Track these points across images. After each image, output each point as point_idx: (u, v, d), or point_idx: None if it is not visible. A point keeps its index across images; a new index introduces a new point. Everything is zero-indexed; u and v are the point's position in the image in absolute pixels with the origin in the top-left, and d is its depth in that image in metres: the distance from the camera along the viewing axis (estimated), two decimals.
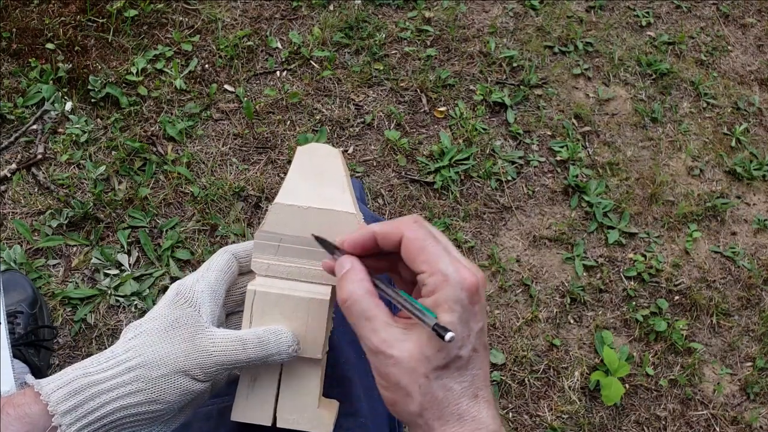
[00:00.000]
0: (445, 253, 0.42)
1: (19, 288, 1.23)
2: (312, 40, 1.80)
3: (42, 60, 1.62)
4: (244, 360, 0.47)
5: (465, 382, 0.42)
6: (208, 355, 0.46)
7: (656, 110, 1.85)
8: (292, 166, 0.53)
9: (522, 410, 1.38)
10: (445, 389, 0.42)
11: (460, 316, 0.41)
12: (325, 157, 0.53)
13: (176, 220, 1.46)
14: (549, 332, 1.46)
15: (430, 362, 0.41)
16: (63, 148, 1.51)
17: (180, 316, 0.47)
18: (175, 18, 1.78)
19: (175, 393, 0.45)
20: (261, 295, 0.50)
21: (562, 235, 1.59)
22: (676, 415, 1.41)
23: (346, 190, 0.52)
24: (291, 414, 0.51)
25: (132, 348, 0.46)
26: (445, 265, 0.41)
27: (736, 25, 2.13)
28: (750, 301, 1.57)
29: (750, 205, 1.74)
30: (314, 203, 0.51)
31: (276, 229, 0.51)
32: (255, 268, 0.51)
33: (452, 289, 0.41)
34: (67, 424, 0.43)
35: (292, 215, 0.51)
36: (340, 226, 0.50)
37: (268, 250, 0.51)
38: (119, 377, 0.44)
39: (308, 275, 0.51)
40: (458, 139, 1.70)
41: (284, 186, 0.52)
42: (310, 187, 0.52)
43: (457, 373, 0.42)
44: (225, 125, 1.63)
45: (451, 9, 1.96)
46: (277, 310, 0.50)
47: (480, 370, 0.43)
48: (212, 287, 0.49)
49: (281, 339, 0.49)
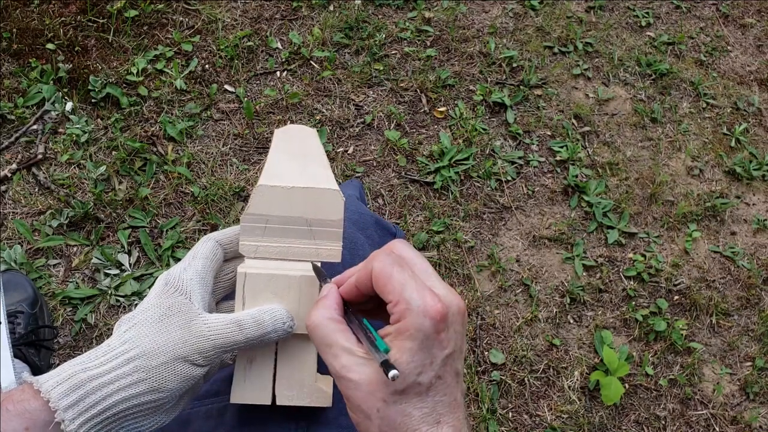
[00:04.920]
0: (411, 280, 0.42)
1: (20, 288, 1.24)
2: (312, 40, 1.81)
3: (42, 60, 1.62)
4: (242, 341, 0.48)
5: (426, 408, 0.42)
6: (205, 339, 0.47)
7: (656, 110, 1.85)
8: (272, 148, 0.54)
9: (522, 410, 1.38)
10: (402, 414, 0.42)
11: (420, 344, 0.41)
12: (302, 136, 0.54)
13: (176, 220, 1.46)
14: (549, 332, 1.47)
15: (387, 387, 0.41)
16: (63, 148, 1.51)
17: (172, 305, 0.47)
18: (176, 18, 1.79)
19: (176, 380, 0.46)
20: (252, 277, 0.51)
21: (562, 235, 1.60)
22: (675, 414, 1.41)
23: (327, 167, 0.53)
24: (290, 390, 0.52)
25: (128, 340, 0.46)
26: (410, 293, 0.42)
27: (736, 25, 2.13)
28: (749, 301, 1.58)
29: (749, 205, 1.74)
30: (298, 183, 0.52)
31: (261, 210, 0.52)
32: (243, 251, 0.52)
33: (414, 317, 0.41)
34: (70, 419, 0.43)
35: (277, 196, 0.51)
36: (324, 202, 0.51)
37: (255, 232, 0.52)
38: (119, 369, 0.45)
39: (297, 254, 0.52)
40: (458, 139, 1.71)
41: (266, 168, 0.53)
42: (292, 167, 0.52)
43: (417, 399, 0.42)
44: (225, 125, 1.64)
45: (451, 9, 1.96)
46: (269, 290, 0.51)
47: (445, 397, 0.43)
48: (200, 274, 0.50)
49: (277, 316, 0.49)
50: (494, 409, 1.36)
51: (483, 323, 1.46)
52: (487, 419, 1.34)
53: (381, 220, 0.85)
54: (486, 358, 1.42)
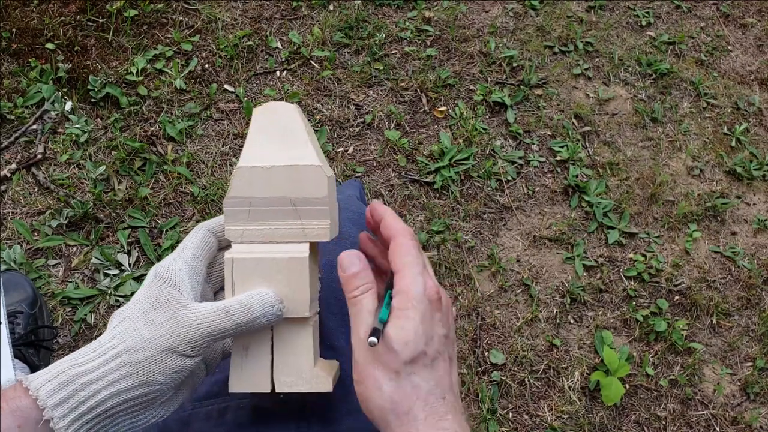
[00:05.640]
0: (423, 264, 0.48)
1: (19, 288, 1.23)
2: (312, 40, 1.80)
3: (42, 60, 1.62)
4: (230, 327, 0.47)
5: (432, 381, 0.45)
6: (192, 328, 0.46)
7: (656, 110, 1.85)
8: (251, 128, 0.52)
9: (522, 410, 1.38)
10: (412, 385, 0.45)
11: (422, 318, 0.46)
12: (282, 114, 0.52)
13: (176, 220, 1.46)
14: (549, 332, 1.46)
15: (398, 356, 0.45)
16: (63, 148, 1.51)
17: (160, 296, 0.47)
18: (175, 18, 1.78)
19: (164, 373, 0.45)
20: (239, 262, 0.50)
21: (562, 235, 1.59)
22: (676, 415, 1.41)
23: (308, 143, 0.51)
24: (288, 377, 0.51)
25: (117, 335, 0.46)
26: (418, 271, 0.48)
27: (736, 25, 2.13)
28: (750, 301, 1.57)
29: (750, 205, 1.74)
30: (277, 161, 0.50)
31: (243, 193, 0.50)
32: (229, 236, 0.51)
33: (417, 293, 0.46)
34: (59, 417, 0.42)
35: (257, 177, 0.50)
36: (306, 180, 0.50)
37: (240, 216, 0.50)
38: (107, 365, 0.44)
39: (283, 235, 0.51)
40: (458, 139, 1.70)
41: (245, 149, 0.51)
42: (272, 147, 0.51)
43: (425, 371, 0.45)
44: (225, 125, 1.63)
45: (451, 9, 1.96)
46: (258, 274, 0.50)
47: (447, 376, 0.47)
48: (190, 264, 0.49)
49: (264, 300, 0.49)
50: (494, 410, 1.36)
51: (483, 323, 1.46)
52: (488, 419, 1.34)
53: None
54: (486, 358, 1.42)
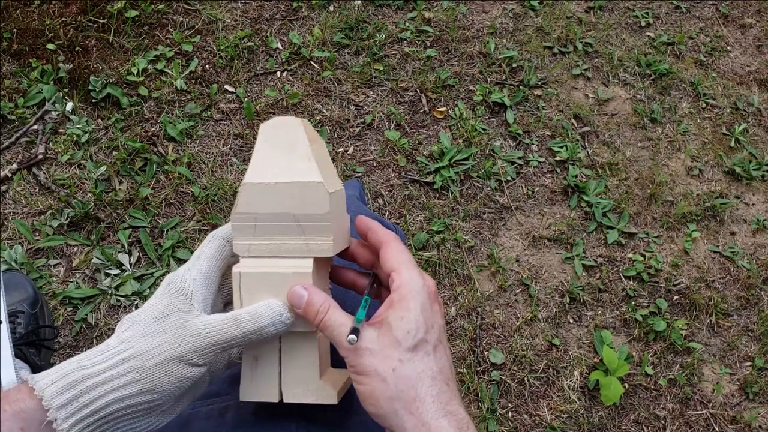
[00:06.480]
0: (414, 264, 0.50)
1: (20, 288, 1.24)
2: (312, 40, 1.81)
3: (43, 60, 1.63)
4: (239, 335, 0.48)
5: (435, 368, 0.46)
6: (201, 337, 0.47)
7: (655, 110, 1.85)
8: (257, 143, 0.53)
9: (522, 410, 1.38)
10: (416, 372, 0.46)
11: (422, 307, 0.47)
12: (288, 129, 0.52)
13: (177, 220, 1.46)
14: (548, 332, 1.47)
15: (400, 345, 0.46)
16: (64, 148, 1.51)
17: (170, 304, 0.47)
18: (176, 18, 1.79)
19: (170, 381, 0.46)
20: (246, 276, 0.51)
21: (562, 235, 1.60)
22: (675, 414, 1.42)
23: (311, 159, 0.51)
24: (295, 388, 0.52)
25: (125, 340, 0.46)
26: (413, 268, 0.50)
27: (735, 25, 2.13)
28: (749, 301, 1.58)
29: (749, 205, 1.74)
30: (281, 178, 0.51)
31: (249, 209, 0.51)
32: (237, 251, 0.52)
33: (416, 286, 0.48)
34: (63, 418, 0.42)
35: (263, 193, 0.51)
36: (308, 196, 0.51)
37: (246, 231, 0.51)
38: (113, 369, 0.44)
39: (288, 250, 0.52)
40: (458, 140, 1.71)
41: (251, 165, 0.52)
42: (277, 162, 0.52)
43: (428, 359, 0.46)
44: (225, 125, 1.64)
45: (451, 10, 1.96)
46: (264, 288, 0.51)
47: (446, 363, 0.48)
48: (204, 275, 0.50)
49: (273, 310, 0.49)
50: (494, 409, 1.36)
51: (483, 323, 1.46)
52: (487, 419, 1.34)
53: (381, 220, 0.85)
54: (486, 358, 1.42)
